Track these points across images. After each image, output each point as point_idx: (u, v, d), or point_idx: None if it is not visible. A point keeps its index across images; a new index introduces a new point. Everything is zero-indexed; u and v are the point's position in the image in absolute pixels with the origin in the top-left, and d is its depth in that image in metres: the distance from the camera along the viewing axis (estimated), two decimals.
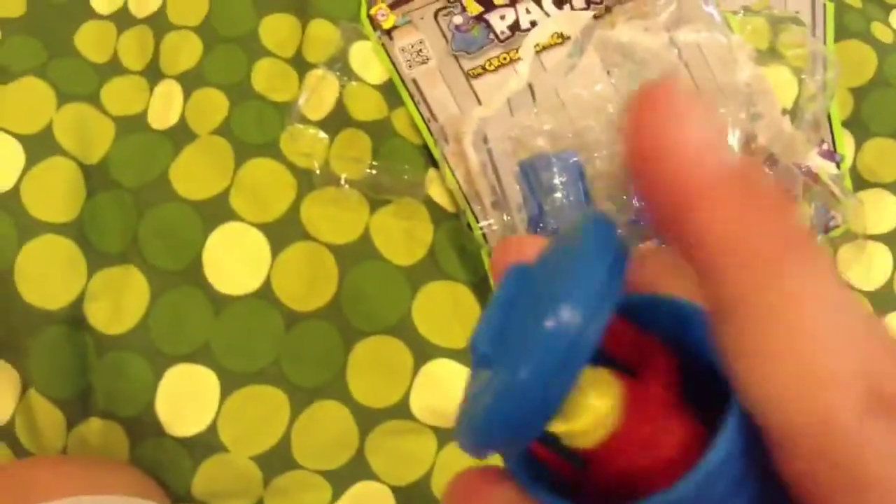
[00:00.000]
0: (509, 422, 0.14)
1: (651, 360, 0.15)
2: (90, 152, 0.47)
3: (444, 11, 0.50)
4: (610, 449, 0.15)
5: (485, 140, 0.44)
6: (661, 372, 0.15)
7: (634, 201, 0.40)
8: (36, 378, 0.44)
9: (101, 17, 0.51)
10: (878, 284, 0.45)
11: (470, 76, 0.48)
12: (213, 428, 0.43)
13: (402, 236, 0.45)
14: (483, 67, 0.48)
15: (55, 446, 0.44)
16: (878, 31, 0.51)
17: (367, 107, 0.48)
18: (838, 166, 0.44)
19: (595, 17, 0.47)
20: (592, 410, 0.14)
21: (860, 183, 0.48)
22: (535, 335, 0.13)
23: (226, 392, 0.44)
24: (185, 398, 0.44)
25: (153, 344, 0.44)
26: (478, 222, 0.45)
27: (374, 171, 0.45)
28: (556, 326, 0.13)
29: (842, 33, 0.49)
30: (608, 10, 0.47)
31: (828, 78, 0.43)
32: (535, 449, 0.16)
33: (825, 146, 0.44)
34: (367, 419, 0.43)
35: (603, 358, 0.15)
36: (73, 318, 0.44)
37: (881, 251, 0.46)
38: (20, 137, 0.47)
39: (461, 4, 0.50)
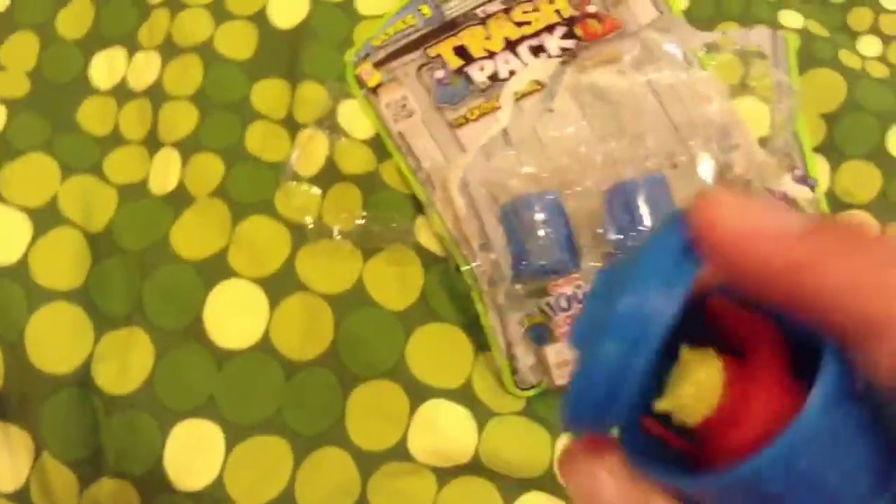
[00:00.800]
0: (591, 398, 0.15)
1: (757, 339, 0.16)
2: (94, 221, 0.50)
3: (426, 67, 0.52)
4: (718, 425, 0.16)
5: (465, 184, 0.46)
6: (766, 349, 0.16)
7: (612, 234, 0.42)
8: (48, 441, 0.45)
9: (101, 92, 0.54)
10: None
11: (453, 126, 0.50)
12: (219, 481, 0.44)
13: (395, 282, 0.47)
14: (465, 117, 0.50)
15: None
16: (846, 58, 0.53)
17: (357, 161, 0.50)
18: (812, 190, 0.46)
19: (563, 63, 0.49)
20: (694, 387, 0.16)
21: (838, 205, 0.49)
22: (608, 320, 0.15)
23: (231, 444, 0.45)
24: (192, 453, 0.45)
25: (159, 401, 0.45)
26: (466, 264, 0.46)
27: (364, 222, 0.47)
28: (624, 309, 0.15)
29: (810, 62, 0.51)
30: (573, 55, 0.49)
31: (793, 105, 0.45)
32: (654, 428, 0.17)
33: (797, 172, 0.46)
34: (368, 463, 0.44)
35: (711, 338, 0.16)
36: (82, 380, 0.46)
37: None
38: (27, 210, 0.49)
39: (442, 59, 0.52)
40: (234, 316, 0.47)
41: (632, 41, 0.47)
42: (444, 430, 0.44)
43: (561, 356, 0.43)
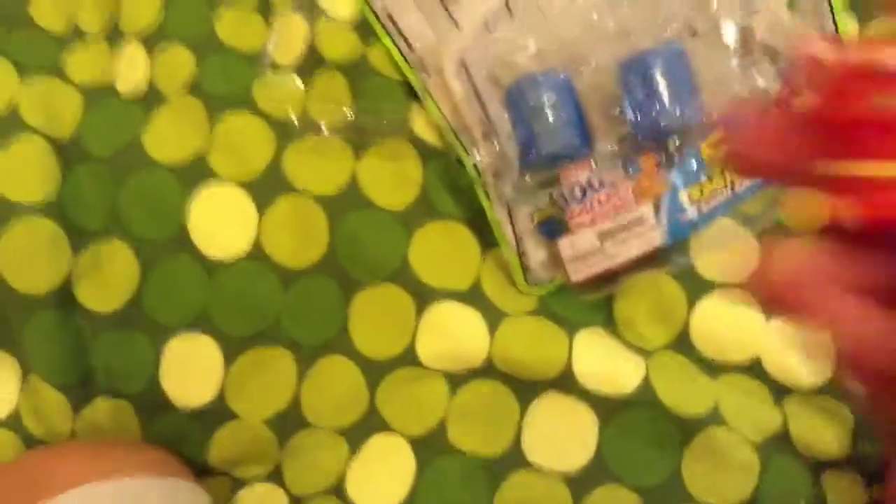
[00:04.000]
0: None
1: None
2: (60, 127, 0.45)
3: None
4: None
5: (465, 67, 0.41)
6: None
7: (629, 114, 0.38)
8: (35, 365, 0.43)
9: None
10: None
11: (445, 2, 0.45)
12: (220, 396, 0.42)
13: (391, 179, 0.43)
14: None
15: (63, 431, 0.43)
16: None
17: (341, 46, 0.45)
18: None
19: None
20: None
21: None
22: None
23: (229, 358, 0.42)
24: (189, 369, 0.43)
25: (149, 317, 0.43)
26: (468, 155, 0.42)
27: (353, 114, 0.43)
28: None
29: None
30: None
31: None
32: None
33: (827, 32, 0.41)
34: (375, 371, 0.42)
35: None
36: (63, 300, 0.43)
37: None
38: None
39: None
40: (221, 223, 0.43)
41: None
42: (453, 334, 0.41)
43: (576, 249, 0.40)
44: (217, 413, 0.42)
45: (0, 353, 0.43)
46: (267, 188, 0.43)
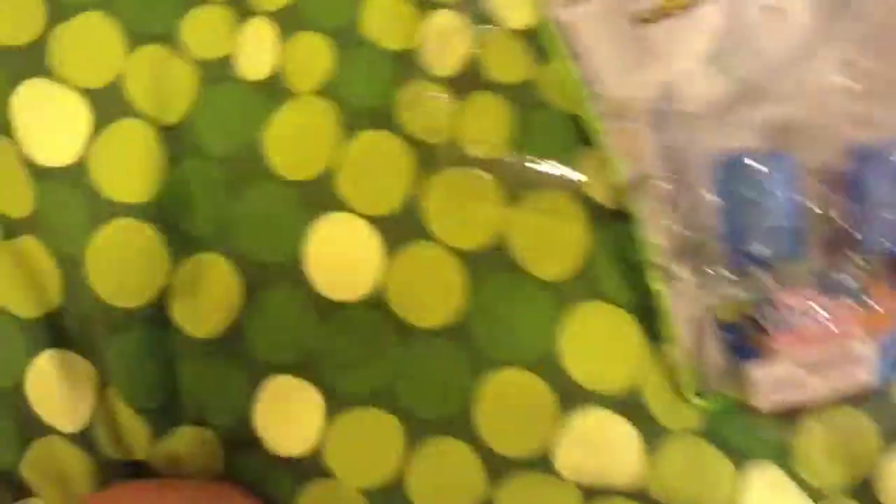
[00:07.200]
0: None
1: None
2: (168, 109, 0.39)
3: None
4: None
5: (666, 117, 0.33)
6: None
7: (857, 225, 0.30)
8: (117, 385, 0.38)
9: None
10: None
11: (638, 22, 0.37)
12: (318, 450, 0.37)
13: (548, 240, 0.36)
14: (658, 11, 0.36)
15: (139, 456, 0.39)
16: None
17: (507, 62, 0.37)
18: None
19: None
20: None
21: None
22: None
23: (331, 412, 0.37)
24: (287, 415, 0.38)
25: (248, 351, 0.38)
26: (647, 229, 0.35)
27: (511, 157, 0.36)
28: None
29: None
30: None
31: None
32: None
33: None
34: (498, 468, 0.36)
35: None
36: (156, 318, 0.38)
37: None
38: (84, 93, 0.39)
39: None
40: (341, 258, 0.37)
41: None
42: (601, 447, 0.35)
43: (768, 375, 0.32)
44: (310, 467, 0.37)
45: (78, 359, 0.39)
46: (399, 228, 0.37)
